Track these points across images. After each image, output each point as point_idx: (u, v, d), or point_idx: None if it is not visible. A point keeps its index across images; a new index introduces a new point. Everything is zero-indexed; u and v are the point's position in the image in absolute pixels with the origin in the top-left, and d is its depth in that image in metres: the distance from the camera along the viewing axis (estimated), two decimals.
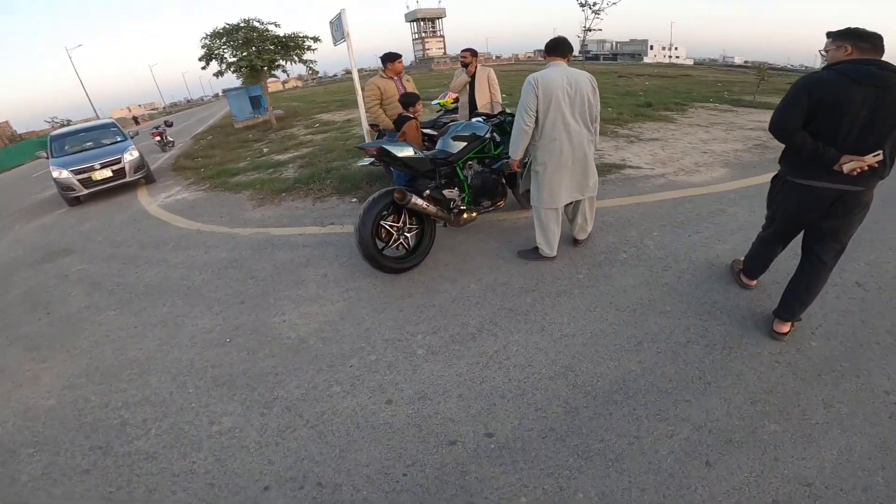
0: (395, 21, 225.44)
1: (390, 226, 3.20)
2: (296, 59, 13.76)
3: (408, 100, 4.02)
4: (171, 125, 13.66)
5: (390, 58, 4.61)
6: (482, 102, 4.97)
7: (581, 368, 2.39)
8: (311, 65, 14.21)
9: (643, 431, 1.99)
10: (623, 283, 3.14)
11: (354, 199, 5.26)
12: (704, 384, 2.22)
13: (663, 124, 8.78)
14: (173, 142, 13.86)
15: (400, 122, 4.01)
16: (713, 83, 19.99)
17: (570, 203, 3.32)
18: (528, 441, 2.00)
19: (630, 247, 3.62)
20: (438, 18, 74.73)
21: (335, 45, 6.71)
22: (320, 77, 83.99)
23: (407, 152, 3.03)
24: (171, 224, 5.60)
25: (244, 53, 12.81)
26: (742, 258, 3.01)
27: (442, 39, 75.45)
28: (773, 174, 2.50)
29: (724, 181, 5.20)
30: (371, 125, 5.89)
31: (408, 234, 3.28)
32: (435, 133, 5.61)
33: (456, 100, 5.57)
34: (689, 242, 3.67)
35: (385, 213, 3.10)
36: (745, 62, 75.24)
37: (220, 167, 8.58)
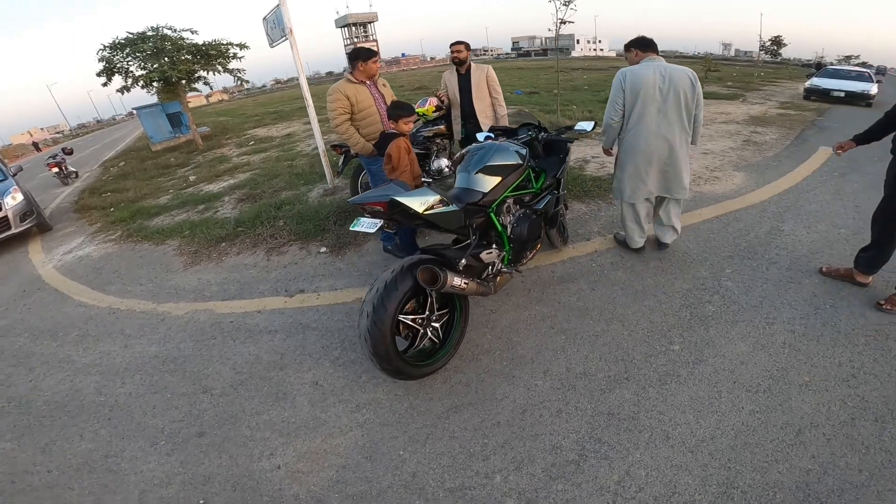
0: (324, 29, 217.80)
1: (412, 320, 2.13)
2: (219, 69, 12.02)
3: (398, 111, 2.88)
4: (70, 153, 11.35)
5: (362, 55, 3.28)
6: (481, 108, 3.98)
7: (746, 482, 1.64)
8: (238, 74, 12.50)
9: None
10: (733, 349, 2.31)
11: (324, 250, 4.04)
12: None
13: None
14: (76, 172, 11.59)
15: (383, 141, 2.93)
16: None
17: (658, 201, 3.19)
18: None
19: (711, 293, 2.80)
20: (370, 23, 72.95)
21: (272, 46, 5.45)
22: (248, 89, 79.19)
23: (429, 201, 1.97)
24: (72, 298, 4.09)
25: (154, 65, 10.92)
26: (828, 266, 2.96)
27: (375, 44, 73.76)
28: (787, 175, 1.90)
29: (751, 189, 4.62)
30: (336, 146, 4.69)
31: (436, 324, 2.22)
32: (424, 151, 4.59)
33: (439, 107, 4.54)
34: (774, 279, 2.93)
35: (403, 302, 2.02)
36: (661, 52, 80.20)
37: (134, 205, 6.88)
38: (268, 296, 3.41)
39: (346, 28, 72.22)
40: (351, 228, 2.16)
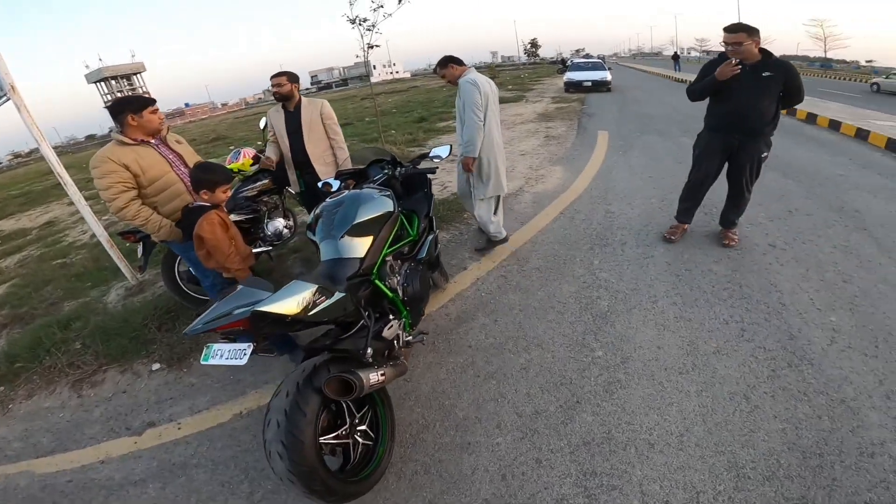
0: (75, 87, 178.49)
1: (335, 437, 1.57)
2: None
3: (206, 175, 2.17)
4: None
5: (131, 105, 2.34)
6: (317, 152, 3.24)
7: (746, 459, 1.49)
8: None
9: None
10: (643, 337, 2.35)
11: (158, 367, 2.95)
12: None
13: (451, 134, 8.74)
14: None
15: (189, 218, 2.22)
16: (440, 88, 22.23)
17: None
18: None
19: (596, 289, 2.88)
20: (136, 74, 62.79)
21: None
22: None
23: (305, 297, 1.46)
24: None
25: None
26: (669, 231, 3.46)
27: (147, 95, 63.98)
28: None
29: (572, 180, 5.17)
30: (127, 233, 3.52)
31: (362, 427, 1.68)
32: (252, 215, 3.77)
33: (257, 157, 3.82)
34: (632, 259, 3.21)
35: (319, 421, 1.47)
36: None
37: None
38: (104, 440, 2.34)
39: (101, 83, 60.87)
40: (204, 363, 1.49)
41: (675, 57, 33.73)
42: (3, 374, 3.08)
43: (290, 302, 1.41)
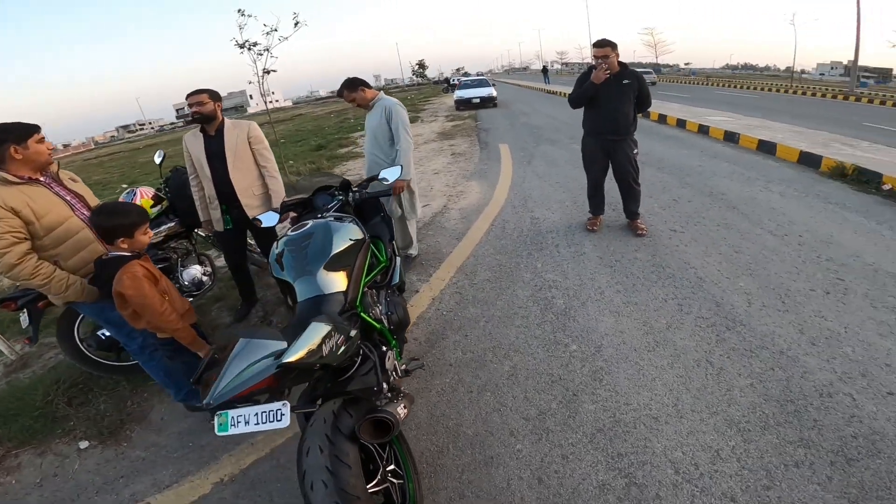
0: None
1: (378, 483, 1.43)
2: None
3: (117, 221, 1.84)
4: None
5: (19, 134, 1.88)
6: (244, 184, 2.86)
7: (741, 416, 1.74)
8: None
9: None
10: (606, 326, 2.56)
11: (87, 443, 2.32)
12: None
13: (355, 160, 8.62)
14: None
15: (104, 272, 1.87)
16: (328, 115, 21.82)
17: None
18: None
19: (548, 289, 3.07)
20: None
21: None
22: None
23: (326, 340, 1.34)
24: None
25: None
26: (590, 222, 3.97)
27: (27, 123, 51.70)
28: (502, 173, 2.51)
29: (490, 193, 5.44)
30: (3, 301, 2.78)
31: (391, 467, 1.55)
32: (162, 265, 3.26)
33: (158, 197, 3.35)
34: (569, 257, 3.50)
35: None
36: (331, 93, 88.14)
37: None
38: None
39: None
40: (221, 433, 1.27)
41: (545, 70, 37.71)
42: None
43: (318, 348, 1.29)
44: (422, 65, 52.49)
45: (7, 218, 1.83)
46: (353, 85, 3.22)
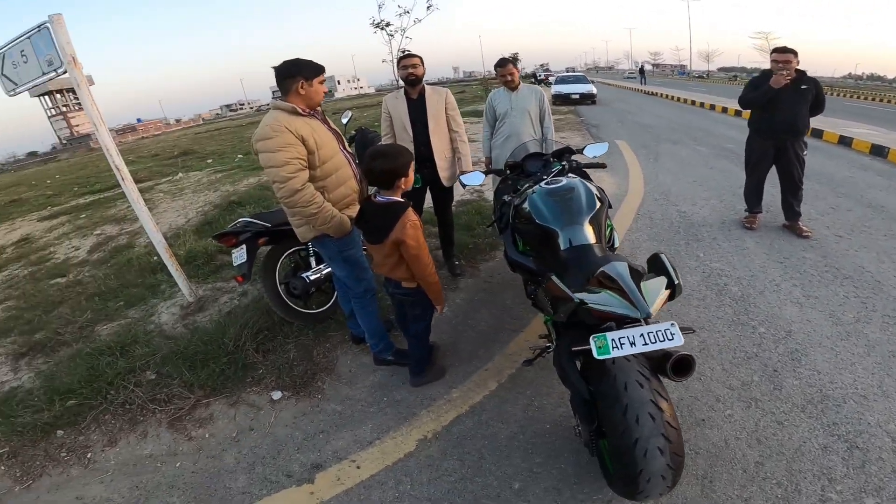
0: (12, 102, 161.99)
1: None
2: None
3: (401, 160, 1.96)
4: None
5: (310, 71, 2.07)
6: (441, 147, 3.14)
7: (763, 385, 1.88)
8: None
9: None
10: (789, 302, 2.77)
11: (280, 394, 2.47)
12: None
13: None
14: None
15: (376, 216, 1.98)
16: None
17: None
18: None
19: (720, 277, 3.30)
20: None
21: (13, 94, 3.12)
22: None
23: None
24: None
25: None
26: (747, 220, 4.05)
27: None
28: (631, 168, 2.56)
29: (626, 186, 5.63)
30: (224, 235, 2.84)
31: None
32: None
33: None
34: (726, 251, 3.66)
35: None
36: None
37: None
38: (264, 494, 1.92)
39: (46, 97, 56.82)
40: (602, 356, 1.40)
41: (642, 70, 36.09)
42: (57, 415, 2.43)
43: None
44: (516, 57, 51.93)
45: (297, 145, 1.96)
46: (515, 63, 3.72)
